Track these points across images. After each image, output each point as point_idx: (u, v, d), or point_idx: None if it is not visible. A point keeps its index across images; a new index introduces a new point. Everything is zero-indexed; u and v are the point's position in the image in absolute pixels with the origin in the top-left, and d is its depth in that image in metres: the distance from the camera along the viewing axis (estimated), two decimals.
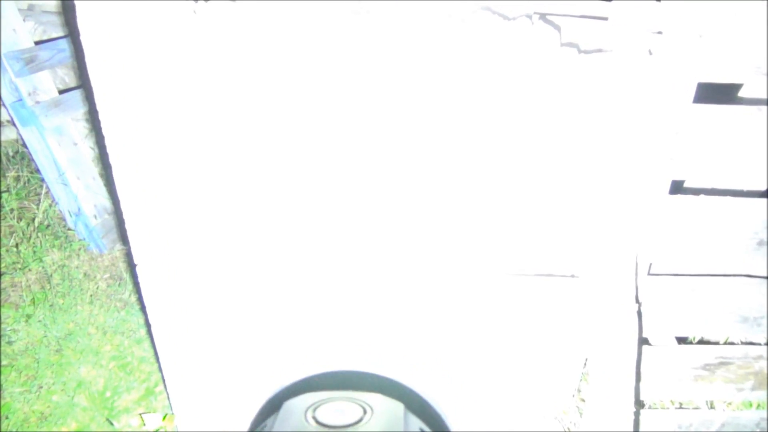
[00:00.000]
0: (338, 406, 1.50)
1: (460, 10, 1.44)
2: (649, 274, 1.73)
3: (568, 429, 2.08)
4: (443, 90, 1.53)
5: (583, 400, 2.09)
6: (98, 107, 1.54)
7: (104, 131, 1.57)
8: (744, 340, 2.06)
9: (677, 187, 1.73)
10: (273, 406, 1.79)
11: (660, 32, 1.49)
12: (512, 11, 1.46)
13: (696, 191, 1.73)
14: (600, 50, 1.51)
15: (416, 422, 1.52)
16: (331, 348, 1.95)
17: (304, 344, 1.94)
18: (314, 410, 1.49)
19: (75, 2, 1.39)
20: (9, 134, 4.07)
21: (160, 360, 2.00)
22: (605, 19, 1.52)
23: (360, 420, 1.44)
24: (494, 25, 1.44)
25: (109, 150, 1.60)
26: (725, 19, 1.46)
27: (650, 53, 1.49)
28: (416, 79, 1.51)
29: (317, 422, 1.44)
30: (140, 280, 1.81)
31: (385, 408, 1.52)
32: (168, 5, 1.40)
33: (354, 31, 1.45)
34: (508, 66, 1.49)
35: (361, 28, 1.44)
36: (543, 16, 1.47)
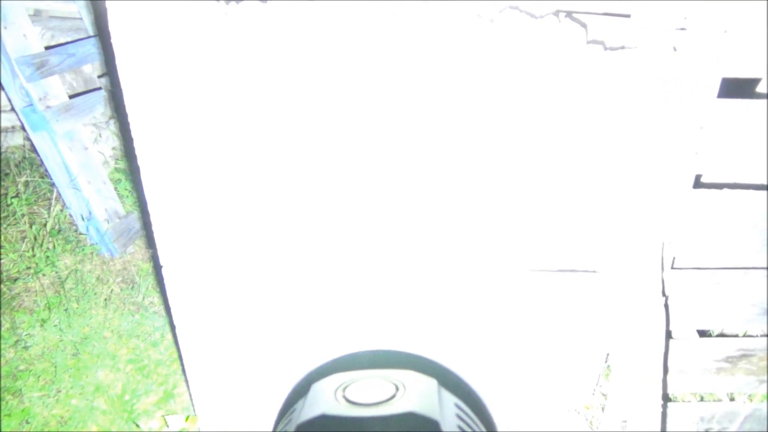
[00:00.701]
0: (369, 384, 1.44)
1: (489, 9, 1.46)
2: (672, 267, 1.75)
3: (590, 423, 2.10)
4: (472, 88, 1.54)
5: (605, 395, 2.10)
6: (128, 109, 1.55)
7: (133, 133, 1.58)
8: (764, 333, 2.08)
9: (696, 182, 1.75)
10: (299, 392, 1.73)
11: (684, 28, 1.51)
12: (539, 10, 1.48)
13: (714, 185, 1.75)
14: (624, 47, 1.53)
15: (450, 398, 1.47)
16: (354, 343, 1.96)
17: (330, 336, 1.95)
18: (344, 389, 1.43)
19: (107, 4, 1.40)
20: (16, 140, 4.07)
21: (184, 361, 2.01)
22: (628, 16, 1.55)
23: (393, 396, 1.38)
24: (522, 24, 1.46)
25: (137, 152, 1.61)
26: (750, 14, 1.48)
27: (675, 49, 1.51)
28: (446, 78, 1.52)
29: (348, 401, 1.37)
30: (165, 281, 1.82)
31: (418, 384, 1.46)
32: (200, 8, 1.41)
33: (386, 33, 1.46)
34: (536, 64, 1.50)
35: (394, 31, 1.45)
36: (569, 14, 1.49)
